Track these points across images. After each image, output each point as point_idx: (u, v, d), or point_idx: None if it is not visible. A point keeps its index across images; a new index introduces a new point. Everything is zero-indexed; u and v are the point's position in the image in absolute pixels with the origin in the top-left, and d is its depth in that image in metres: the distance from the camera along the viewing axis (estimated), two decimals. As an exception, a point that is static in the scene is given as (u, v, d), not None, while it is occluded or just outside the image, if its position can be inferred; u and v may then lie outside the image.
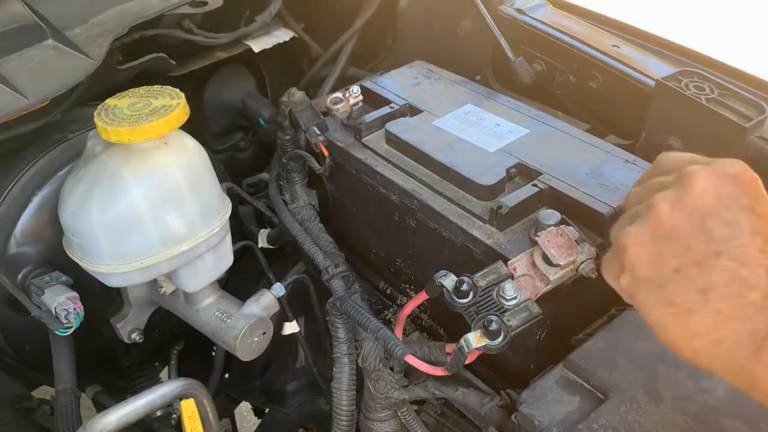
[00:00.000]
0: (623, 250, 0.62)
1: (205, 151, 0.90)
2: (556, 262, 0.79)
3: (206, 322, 0.97)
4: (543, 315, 0.81)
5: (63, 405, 0.93)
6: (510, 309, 0.77)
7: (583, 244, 0.80)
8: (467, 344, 0.75)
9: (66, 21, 0.96)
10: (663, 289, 0.59)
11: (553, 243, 0.80)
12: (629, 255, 0.61)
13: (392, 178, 0.99)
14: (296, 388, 1.37)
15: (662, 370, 0.77)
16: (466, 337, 0.75)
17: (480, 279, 0.79)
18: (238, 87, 1.43)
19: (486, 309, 0.77)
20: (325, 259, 1.04)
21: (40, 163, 0.96)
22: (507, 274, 0.80)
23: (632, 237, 0.61)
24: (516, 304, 0.77)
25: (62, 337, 0.93)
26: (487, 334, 0.74)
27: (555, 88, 1.15)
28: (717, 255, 0.57)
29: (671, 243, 0.59)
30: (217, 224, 0.90)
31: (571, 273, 0.80)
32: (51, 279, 0.93)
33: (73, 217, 0.83)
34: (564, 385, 0.78)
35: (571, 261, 0.79)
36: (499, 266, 0.81)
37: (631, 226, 0.62)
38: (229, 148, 1.48)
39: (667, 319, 0.60)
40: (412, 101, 1.10)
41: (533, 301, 0.78)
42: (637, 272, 0.61)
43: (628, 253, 0.61)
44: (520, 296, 0.78)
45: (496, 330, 0.74)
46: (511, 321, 0.76)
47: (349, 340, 0.99)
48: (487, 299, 0.78)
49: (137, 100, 0.84)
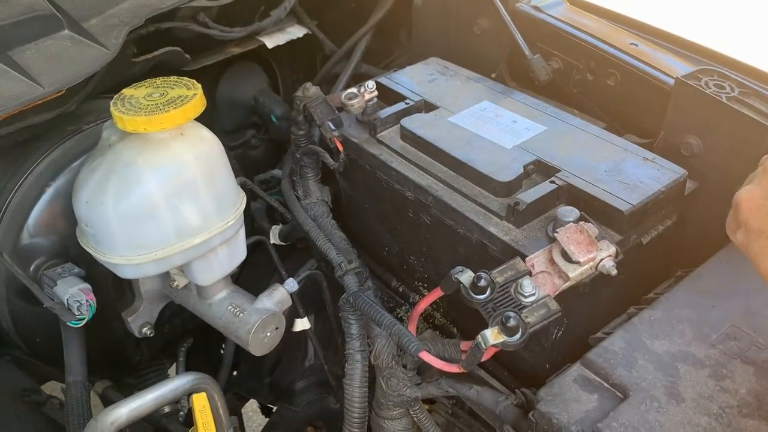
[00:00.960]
0: (738, 207, 0.68)
1: (221, 143, 0.89)
2: (576, 259, 0.78)
3: (219, 317, 0.96)
4: (560, 316, 0.80)
5: (74, 397, 0.92)
6: (528, 306, 0.76)
7: (602, 242, 0.79)
8: (484, 340, 0.74)
9: (82, 12, 0.95)
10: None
11: (573, 239, 0.79)
12: (743, 210, 0.67)
13: (407, 174, 0.99)
14: (305, 386, 1.36)
15: (683, 369, 0.76)
16: (484, 333, 0.74)
17: (498, 275, 0.78)
18: (251, 84, 1.42)
19: (504, 305, 0.76)
20: (339, 255, 1.03)
21: (54, 154, 0.96)
22: (525, 270, 0.79)
23: (746, 194, 0.68)
24: (534, 300, 0.76)
25: (74, 329, 0.92)
26: (505, 330, 0.73)
27: (572, 86, 1.14)
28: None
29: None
30: (231, 217, 0.89)
31: (591, 270, 0.79)
32: (63, 270, 0.92)
33: (88, 207, 0.82)
34: (582, 384, 0.77)
35: (591, 258, 0.78)
36: (517, 262, 0.80)
37: (746, 186, 0.69)
38: (240, 145, 1.47)
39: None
40: (428, 97, 1.09)
41: (552, 298, 0.77)
42: (750, 225, 0.67)
43: (742, 208, 0.68)
44: (538, 293, 0.77)
45: (514, 326, 0.73)
46: (530, 318, 0.75)
47: (362, 337, 0.98)
48: (505, 296, 0.77)
49: (153, 90, 0.83)
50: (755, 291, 0.83)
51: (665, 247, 0.94)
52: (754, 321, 0.80)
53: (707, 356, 0.77)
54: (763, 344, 0.77)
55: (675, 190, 0.91)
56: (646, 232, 0.90)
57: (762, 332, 0.78)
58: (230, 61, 1.34)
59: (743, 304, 0.82)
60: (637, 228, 0.88)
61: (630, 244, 0.88)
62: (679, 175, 0.91)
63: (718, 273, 0.87)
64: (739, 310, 0.81)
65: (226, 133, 1.44)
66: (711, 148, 0.97)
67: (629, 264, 0.89)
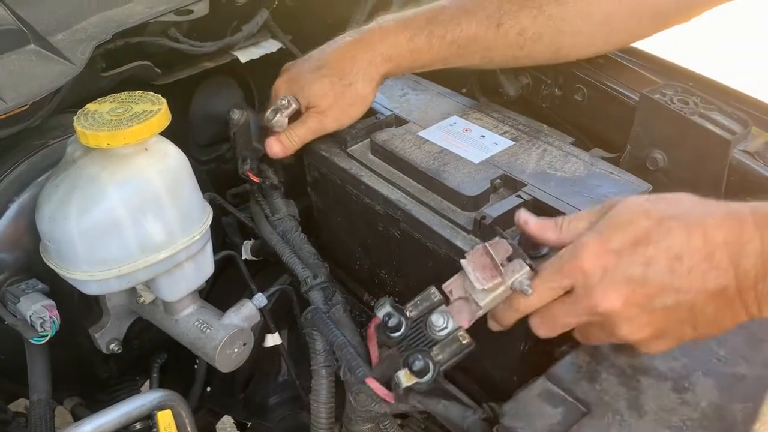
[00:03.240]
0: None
1: (186, 159, 0.89)
2: (480, 287, 0.74)
3: (185, 333, 0.96)
4: (529, 328, 0.80)
5: (37, 416, 0.91)
6: (441, 340, 0.75)
7: (514, 262, 0.75)
8: (399, 383, 0.74)
9: (49, 26, 0.95)
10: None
11: (478, 264, 0.75)
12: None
13: (376, 188, 0.99)
14: (279, 401, 1.35)
15: (645, 382, 0.76)
16: (398, 375, 0.75)
17: (412, 308, 0.77)
18: (225, 98, 1.42)
19: (417, 342, 0.76)
20: (304, 270, 1.03)
21: (19, 169, 0.95)
22: (439, 300, 0.78)
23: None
24: (446, 334, 0.76)
25: (38, 346, 0.91)
26: (413, 373, 0.73)
27: (540, 101, 1.15)
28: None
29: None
30: (197, 232, 0.89)
31: (506, 293, 0.75)
32: (27, 287, 0.91)
33: (50, 223, 0.81)
34: (547, 398, 0.77)
35: (497, 283, 0.74)
36: (432, 292, 0.78)
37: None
38: (215, 159, 1.46)
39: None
40: (398, 112, 1.10)
41: (463, 331, 0.76)
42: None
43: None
44: (450, 325, 0.76)
45: (421, 369, 0.73)
46: (440, 355, 0.75)
47: (326, 352, 0.98)
48: (418, 331, 0.77)
49: (118, 105, 0.83)
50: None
51: (632, 260, 0.94)
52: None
53: (670, 369, 0.77)
54: (723, 357, 0.78)
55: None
56: (612, 246, 0.90)
57: (723, 345, 0.79)
58: (204, 75, 1.34)
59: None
60: (603, 242, 0.89)
61: (596, 258, 0.89)
62: (644, 189, 0.92)
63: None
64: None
65: (201, 147, 1.43)
66: (676, 162, 0.98)
67: (596, 277, 0.89)
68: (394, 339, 0.77)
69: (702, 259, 0.66)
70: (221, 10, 1.16)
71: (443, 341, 0.76)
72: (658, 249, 0.67)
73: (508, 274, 0.75)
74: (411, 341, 0.77)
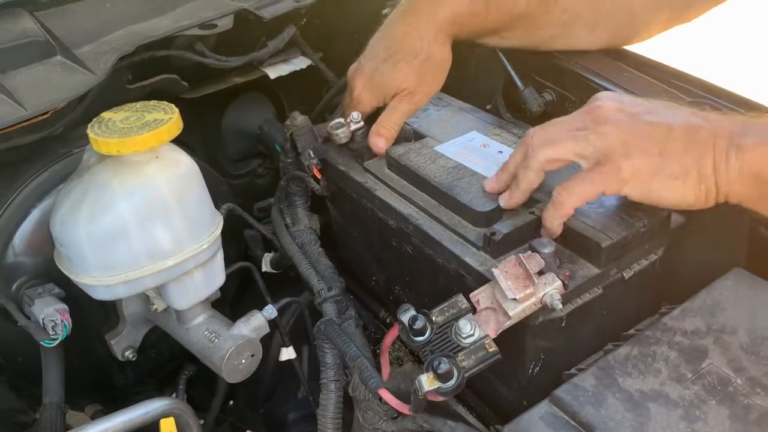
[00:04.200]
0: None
1: (197, 167, 0.90)
2: (511, 296, 0.74)
3: (195, 342, 0.96)
4: (537, 350, 0.79)
5: (47, 419, 0.92)
6: (467, 347, 0.73)
7: (547, 275, 0.75)
8: (420, 387, 0.72)
9: (76, 39, 0.99)
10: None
11: (511, 274, 0.75)
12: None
13: (390, 202, 0.98)
14: (297, 418, 1.33)
15: (654, 409, 0.72)
16: (420, 379, 0.72)
17: (438, 314, 0.76)
18: (257, 114, 1.44)
19: (442, 348, 0.74)
20: (320, 282, 1.02)
21: (42, 176, 0.98)
22: (467, 308, 0.77)
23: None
24: (473, 342, 0.74)
25: (52, 350, 0.93)
26: (438, 377, 0.71)
27: (565, 118, 1.12)
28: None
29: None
30: (206, 241, 0.89)
31: (535, 306, 0.76)
32: (44, 291, 0.94)
33: (61, 227, 0.83)
34: (549, 421, 0.74)
35: (529, 294, 0.74)
36: (459, 300, 0.77)
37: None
38: (247, 174, 1.49)
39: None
40: (417, 126, 1.09)
41: (490, 340, 0.74)
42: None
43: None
44: (477, 333, 0.74)
45: (446, 372, 0.71)
46: (465, 361, 0.72)
47: (336, 366, 0.96)
48: (444, 337, 0.75)
49: (131, 114, 0.85)
50: (738, 330, 0.79)
51: (650, 282, 0.90)
52: (734, 362, 0.76)
53: (681, 396, 0.73)
54: (740, 386, 0.73)
55: (659, 224, 0.88)
56: (628, 267, 0.87)
57: (741, 374, 0.74)
58: (237, 91, 1.36)
59: (724, 344, 0.78)
60: (618, 262, 0.85)
61: (610, 279, 0.85)
62: (664, 210, 0.88)
63: (701, 310, 0.83)
64: (719, 349, 0.77)
65: (233, 162, 1.46)
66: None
67: (610, 299, 0.86)
68: (418, 342, 0.75)
69: (681, 108, 0.81)
70: (248, 25, 1.18)
71: (469, 348, 0.74)
72: (645, 106, 0.81)
73: (540, 286, 0.75)
74: (435, 346, 0.75)
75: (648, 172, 0.78)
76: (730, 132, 0.75)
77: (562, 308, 0.76)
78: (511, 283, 0.75)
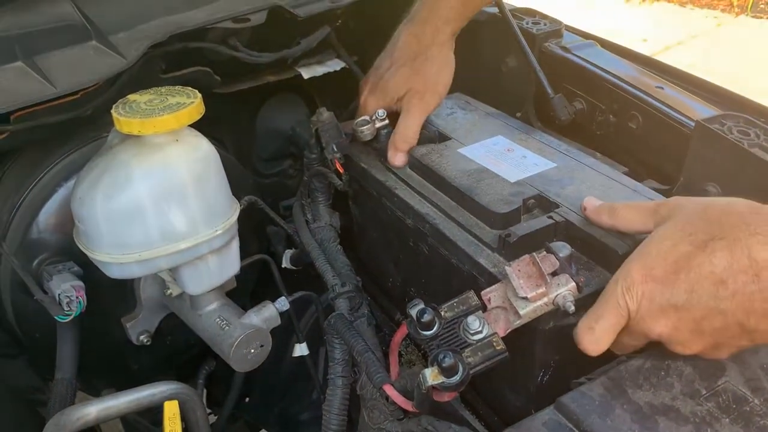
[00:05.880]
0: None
1: (217, 154, 0.90)
2: (523, 294, 0.72)
3: (206, 328, 0.96)
4: (548, 357, 0.77)
5: (58, 394, 0.93)
6: (474, 344, 0.72)
7: (561, 276, 0.74)
8: (424, 380, 0.70)
9: (111, 25, 1.01)
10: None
11: (524, 273, 0.73)
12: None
13: (408, 201, 0.97)
14: (310, 417, 1.32)
15: (663, 423, 0.69)
16: (424, 372, 0.71)
17: (447, 310, 0.75)
18: (290, 115, 1.45)
19: (449, 343, 0.73)
20: (334, 278, 1.02)
21: (71, 157, 1.00)
22: (476, 305, 0.75)
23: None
24: (481, 339, 0.72)
25: (66, 326, 0.94)
26: (442, 371, 0.69)
27: (595, 127, 1.10)
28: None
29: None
30: (221, 227, 0.90)
31: (547, 307, 0.74)
32: (63, 268, 0.95)
33: (80, 204, 0.85)
34: (552, 428, 0.71)
35: (541, 293, 0.73)
36: (470, 296, 0.76)
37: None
38: (278, 173, 1.49)
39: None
40: (443, 128, 1.08)
41: (498, 338, 0.72)
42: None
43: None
44: (486, 330, 0.73)
45: (450, 367, 0.69)
46: (471, 358, 0.71)
47: (344, 362, 0.95)
48: (451, 333, 0.73)
49: (156, 97, 0.86)
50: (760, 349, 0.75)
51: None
52: (753, 381, 0.72)
53: (693, 412, 0.70)
54: (757, 406, 0.69)
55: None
56: (647, 276, 0.84)
57: (759, 394, 0.70)
58: (271, 91, 1.38)
59: (744, 362, 0.74)
60: (636, 271, 0.83)
61: (627, 288, 0.83)
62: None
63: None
64: (738, 367, 0.74)
65: (264, 162, 1.47)
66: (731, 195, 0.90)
67: (627, 308, 0.83)
68: (426, 336, 0.74)
69: (748, 281, 0.66)
70: (283, 24, 1.19)
71: (476, 345, 0.73)
72: (701, 275, 0.67)
73: (553, 286, 0.74)
74: (442, 341, 0.74)
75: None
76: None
77: (574, 310, 0.74)
78: (523, 281, 0.73)
